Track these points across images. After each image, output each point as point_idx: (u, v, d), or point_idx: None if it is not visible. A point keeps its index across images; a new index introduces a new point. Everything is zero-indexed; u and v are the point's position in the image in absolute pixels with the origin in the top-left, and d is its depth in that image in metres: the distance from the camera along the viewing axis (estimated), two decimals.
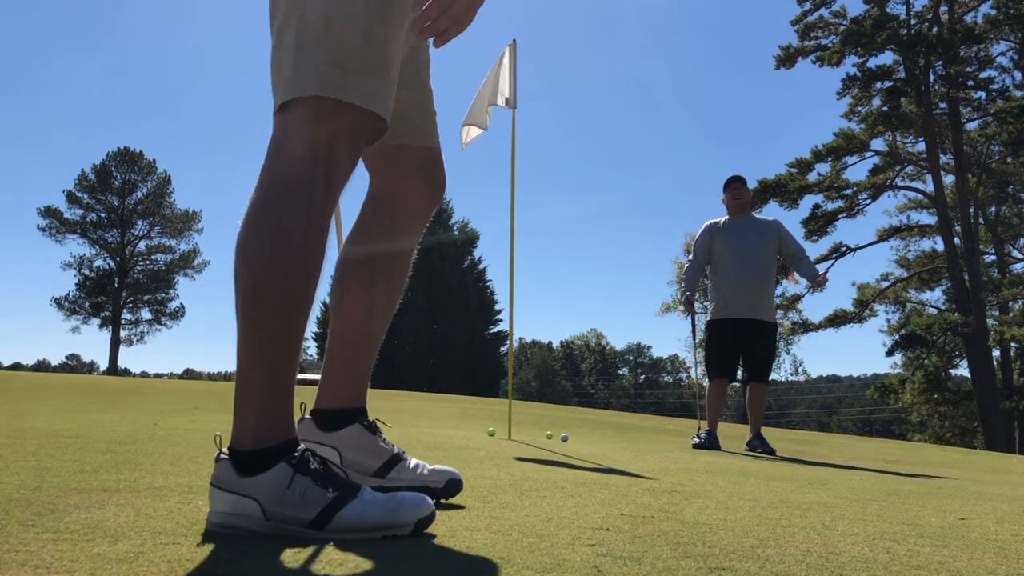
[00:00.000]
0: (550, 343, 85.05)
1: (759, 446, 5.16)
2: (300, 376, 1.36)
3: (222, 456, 1.29)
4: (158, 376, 47.43)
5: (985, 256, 30.47)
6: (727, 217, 5.60)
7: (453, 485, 1.61)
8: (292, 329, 1.29)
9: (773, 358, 5.53)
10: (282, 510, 1.25)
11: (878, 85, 25.81)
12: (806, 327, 27.19)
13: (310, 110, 1.30)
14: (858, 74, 25.84)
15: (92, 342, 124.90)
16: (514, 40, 4.76)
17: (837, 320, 26.53)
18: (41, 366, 72.48)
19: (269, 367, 1.28)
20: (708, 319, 5.54)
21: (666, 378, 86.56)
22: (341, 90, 1.29)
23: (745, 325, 5.33)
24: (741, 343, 5.37)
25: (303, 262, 1.29)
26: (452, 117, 4.60)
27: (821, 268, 28.02)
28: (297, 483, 1.26)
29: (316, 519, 1.25)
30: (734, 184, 5.58)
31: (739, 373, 5.64)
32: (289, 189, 1.29)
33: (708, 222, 5.67)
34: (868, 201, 26.95)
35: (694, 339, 6.31)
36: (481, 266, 37.43)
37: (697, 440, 5.30)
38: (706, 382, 5.57)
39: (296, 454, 1.29)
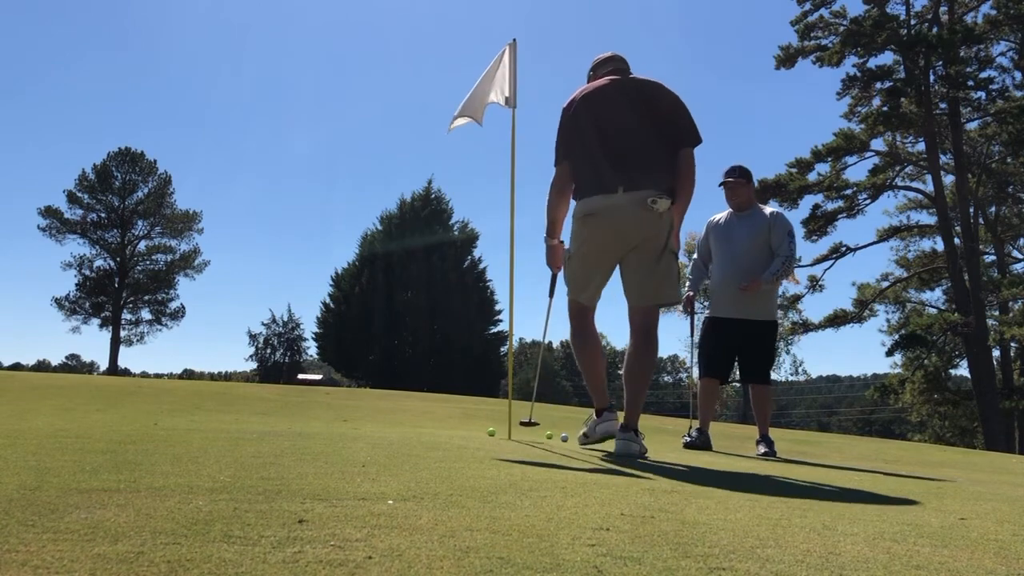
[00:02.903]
0: (550, 343, 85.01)
1: (763, 447, 5.05)
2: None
3: (631, 430, 3.51)
4: (158, 376, 47.41)
5: (985, 256, 30.46)
6: (728, 211, 5.40)
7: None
8: None
9: (769, 358, 5.32)
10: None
11: (878, 85, 25.78)
12: (806, 327, 27.16)
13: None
14: (858, 74, 25.82)
15: (92, 342, 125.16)
16: (514, 40, 4.75)
17: (837, 320, 26.51)
18: (41, 366, 72.44)
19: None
20: (705, 316, 5.49)
21: (666, 378, 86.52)
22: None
23: (736, 324, 5.19)
24: (734, 342, 5.24)
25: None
26: (450, 112, 4.68)
27: (820, 268, 27.74)
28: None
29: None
30: (727, 181, 5.27)
31: (738, 373, 5.55)
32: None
33: (709, 220, 5.56)
34: (868, 201, 26.94)
35: (692, 339, 6.25)
36: (481, 266, 37.34)
37: (688, 439, 5.25)
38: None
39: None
